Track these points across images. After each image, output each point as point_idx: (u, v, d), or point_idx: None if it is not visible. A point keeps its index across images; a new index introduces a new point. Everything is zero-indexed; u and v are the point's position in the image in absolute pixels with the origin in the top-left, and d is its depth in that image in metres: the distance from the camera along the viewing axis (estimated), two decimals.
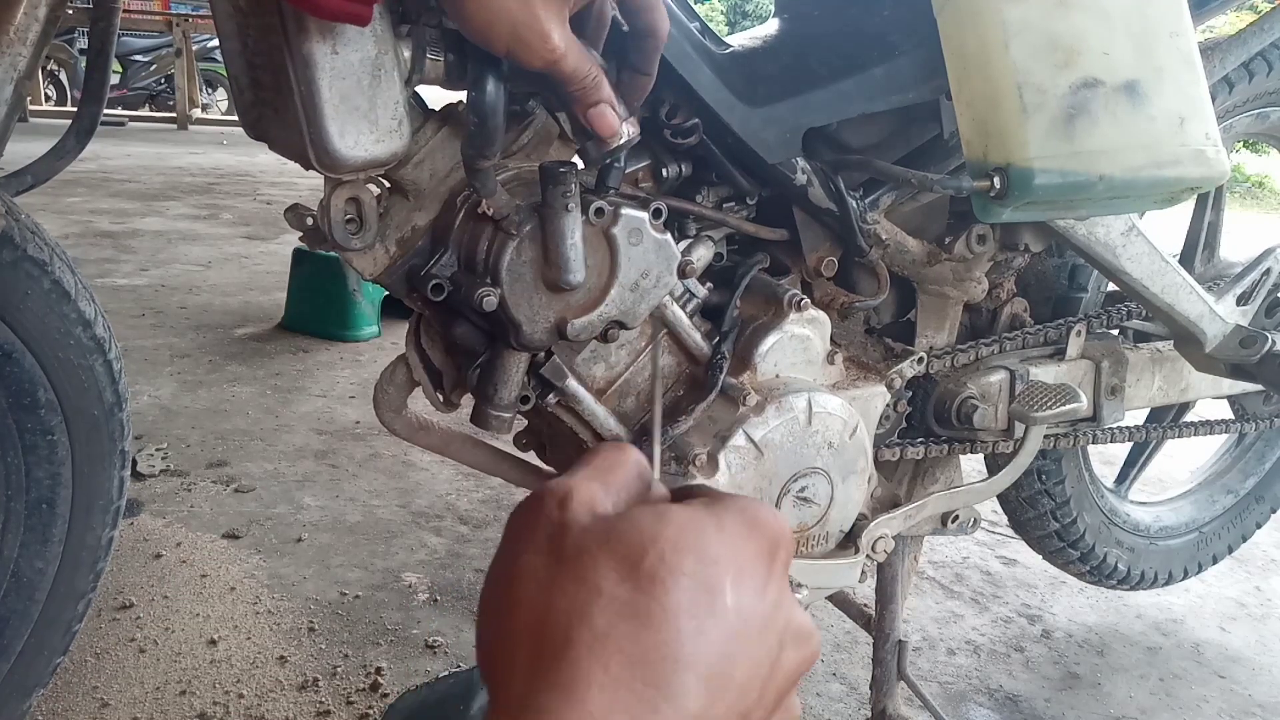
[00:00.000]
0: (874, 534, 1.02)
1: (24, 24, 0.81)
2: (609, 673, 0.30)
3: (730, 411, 0.92)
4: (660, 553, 0.32)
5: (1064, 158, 0.93)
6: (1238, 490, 1.78)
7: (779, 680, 0.34)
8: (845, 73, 0.98)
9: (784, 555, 0.35)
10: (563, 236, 0.77)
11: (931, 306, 1.15)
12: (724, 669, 0.31)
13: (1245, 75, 1.32)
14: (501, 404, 0.85)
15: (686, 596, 0.31)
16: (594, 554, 0.32)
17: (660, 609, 0.31)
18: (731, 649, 0.32)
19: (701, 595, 0.31)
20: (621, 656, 0.30)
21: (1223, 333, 1.24)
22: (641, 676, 0.30)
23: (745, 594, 0.33)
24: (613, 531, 0.33)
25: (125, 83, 9.59)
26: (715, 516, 0.34)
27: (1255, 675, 1.69)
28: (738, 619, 0.32)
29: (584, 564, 0.32)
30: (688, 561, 0.32)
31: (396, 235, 0.84)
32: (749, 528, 0.34)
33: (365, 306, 3.10)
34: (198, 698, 1.37)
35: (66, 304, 1.02)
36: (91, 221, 4.61)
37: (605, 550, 0.32)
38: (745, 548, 0.34)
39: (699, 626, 0.31)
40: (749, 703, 0.32)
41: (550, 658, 0.31)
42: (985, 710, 1.51)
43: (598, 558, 0.32)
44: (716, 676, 0.31)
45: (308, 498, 2.01)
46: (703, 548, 0.32)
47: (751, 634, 0.32)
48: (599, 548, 0.33)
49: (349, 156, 0.72)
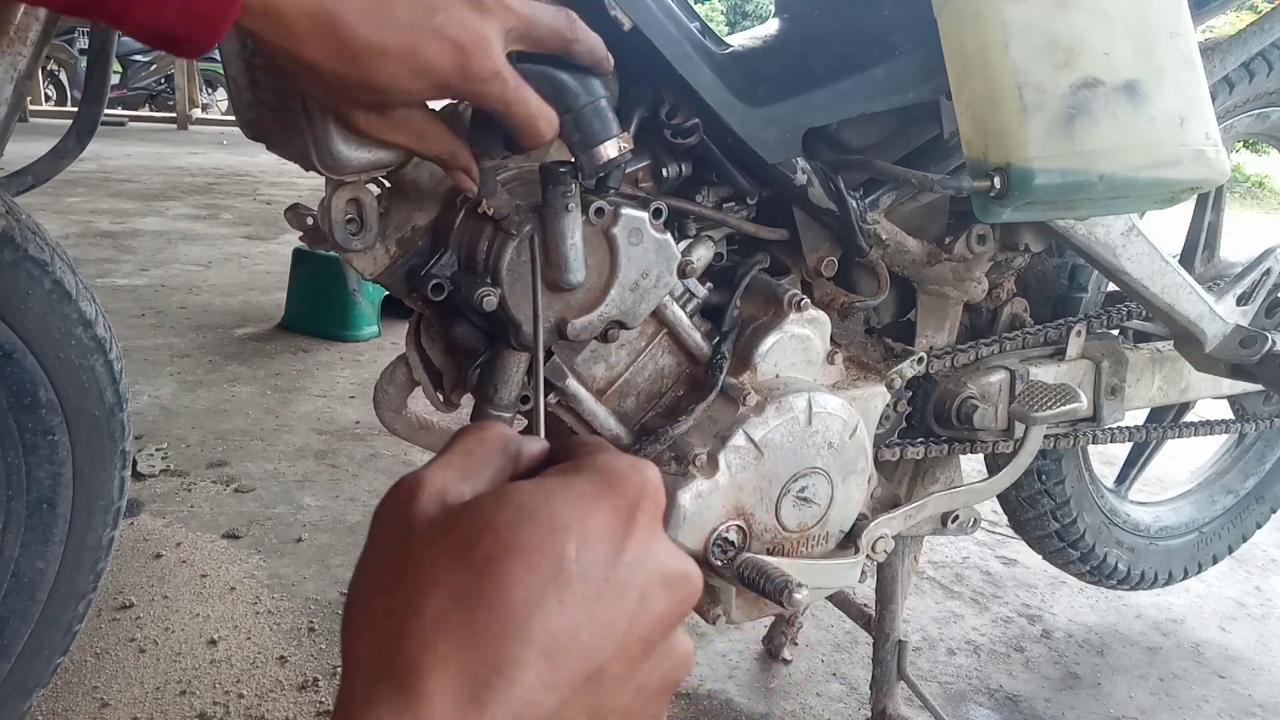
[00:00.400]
0: (874, 534, 1.02)
1: (24, 24, 0.81)
2: (439, 656, 0.30)
3: (730, 411, 0.92)
4: (495, 534, 0.32)
5: (1064, 158, 0.93)
6: (1238, 490, 1.78)
7: (642, 630, 0.34)
8: (845, 73, 0.98)
9: (648, 507, 0.35)
10: (563, 236, 0.77)
11: (931, 306, 1.15)
12: (566, 634, 0.31)
13: (1245, 75, 1.32)
14: (501, 404, 0.85)
15: (521, 571, 0.31)
16: (433, 546, 0.33)
17: (493, 587, 0.31)
18: (574, 614, 0.32)
19: (540, 567, 0.32)
20: (452, 640, 0.31)
21: (1223, 333, 1.24)
22: (475, 656, 0.30)
23: (593, 557, 0.33)
24: (453, 522, 0.34)
25: (125, 83, 9.59)
26: (565, 483, 0.35)
27: (1255, 675, 1.69)
28: (583, 583, 0.32)
29: (424, 559, 0.33)
30: (525, 536, 0.32)
31: (397, 235, 0.84)
32: (602, 487, 0.35)
33: (365, 306, 3.10)
34: (198, 698, 1.37)
35: (67, 304, 1.02)
36: (92, 221, 4.61)
37: (443, 542, 0.33)
38: (595, 509, 0.34)
39: (535, 597, 0.31)
40: (602, 659, 0.32)
41: (389, 651, 0.31)
42: (985, 710, 1.51)
43: (436, 551, 0.33)
44: (556, 643, 0.31)
45: (308, 498, 2.01)
46: (545, 519, 0.33)
47: (601, 595, 0.33)
48: (438, 541, 0.33)
49: (352, 158, 0.72)
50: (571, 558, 0.32)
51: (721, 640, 1.62)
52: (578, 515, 0.33)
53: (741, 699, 1.48)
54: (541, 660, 0.31)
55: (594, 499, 0.34)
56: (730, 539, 0.93)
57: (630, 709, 0.34)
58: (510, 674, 0.30)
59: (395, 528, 0.35)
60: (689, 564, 0.37)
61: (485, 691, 0.30)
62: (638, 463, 0.36)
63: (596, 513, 0.34)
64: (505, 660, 0.30)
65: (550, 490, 0.34)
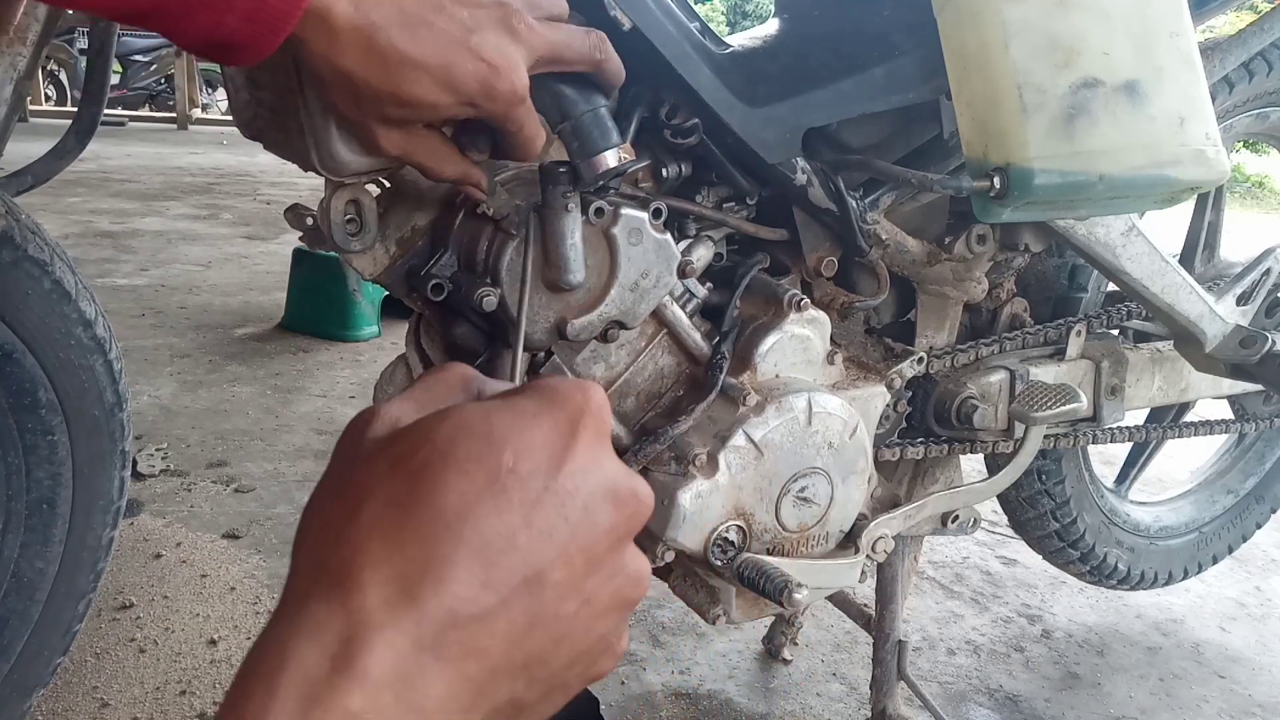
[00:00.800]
0: (874, 534, 1.02)
1: (24, 24, 0.81)
2: (371, 556, 0.31)
3: (730, 411, 0.92)
4: (432, 445, 0.33)
5: (1064, 158, 0.93)
6: (1238, 490, 1.78)
7: (585, 540, 0.34)
8: (845, 73, 0.98)
9: (591, 424, 0.36)
10: (563, 236, 0.77)
11: (931, 306, 1.15)
12: (502, 539, 0.32)
13: (1245, 75, 1.32)
14: None
15: (455, 477, 0.32)
16: (375, 461, 0.34)
17: (426, 492, 0.32)
18: (510, 519, 0.32)
19: (475, 474, 0.32)
20: (384, 542, 0.31)
21: (1223, 333, 1.24)
22: (406, 555, 0.31)
23: (531, 466, 0.33)
24: (396, 438, 0.35)
25: (125, 83, 9.58)
26: (506, 403, 0.35)
27: (1255, 675, 1.69)
28: (520, 490, 0.33)
29: (365, 471, 0.34)
30: (462, 447, 0.33)
31: (396, 235, 0.84)
32: (543, 405, 0.35)
33: (365, 306, 3.10)
34: (198, 698, 1.37)
35: (67, 304, 1.02)
36: (91, 221, 4.61)
37: (384, 453, 0.34)
38: (536, 424, 0.34)
39: (469, 503, 0.32)
40: (541, 563, 0.33)
41: (326, 553, 0.32)
42: (985, 710, 1.51)
43: (377, 463, 0.34)
44: (489, 544, 0.32)
45: (308, 497, 2.01)
46: (484, 432, 0.33)
47: (540, 502, 0.33)
48: (380, 455, 0.34)
49: (352, 160, 0.72)
50: (508, 467, 0.33)
51: (721, 640, 1.62)
52: (516, 429, 0.34)
53: (741, 699, 1.48)
54: (475, 560, 0.32)
55: (534, 415, 0.35)
56: (730, 539, 0.93)
57: (579, 618, 0.35)
58: (441, 572, 0.31)
59: (347, 450, 0.36)
60: (637, 481, 0.37)
61: (417, 587, 0.31)
62: (580, 383, 0.37)
63: (536, 427, 0.34)
64: (436, 559, 0.31)
65: (491, 408, 0.35)
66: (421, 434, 0.34)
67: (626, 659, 1.54)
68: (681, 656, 1.57)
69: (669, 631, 1.63)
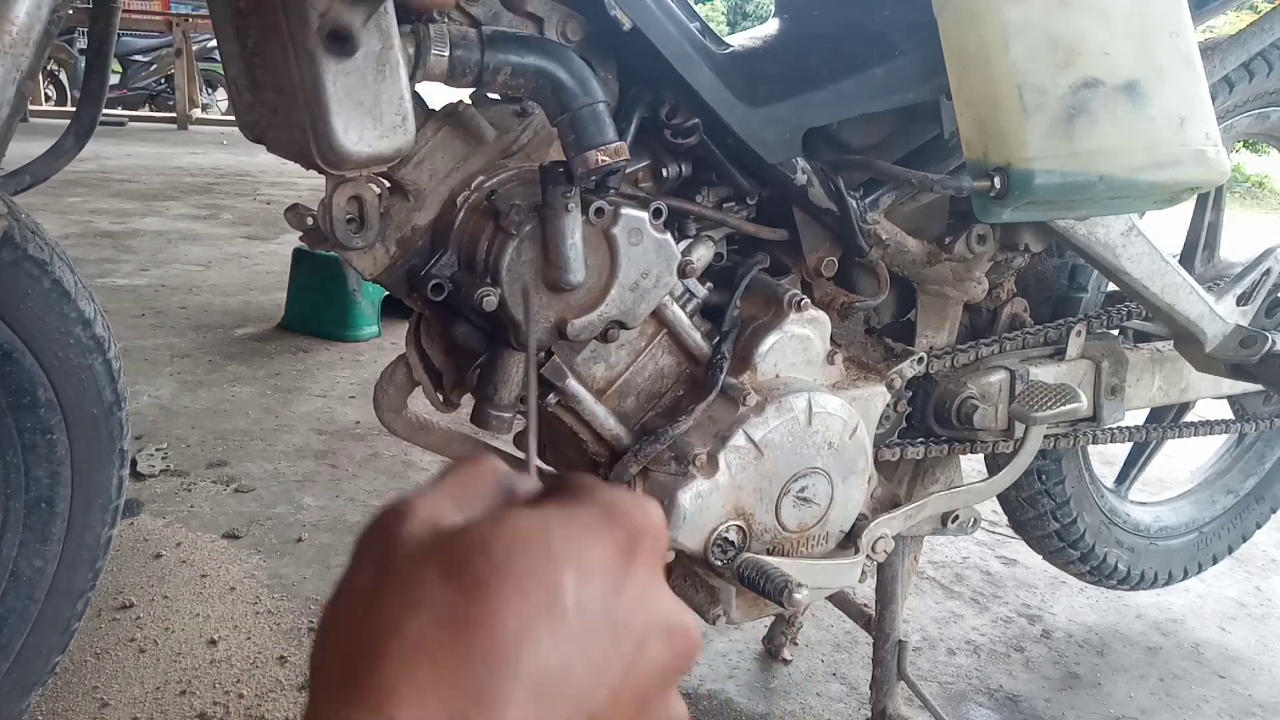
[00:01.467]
0: (874, 534, 1.02)
1: (26, 24, 0.81)
2: (416, 682, 0.28)
3: (730, 411, 0.92)
4: (489, 556, 0.30)
5: (1064, 158, 0.93)
6: (1238, 490, 1.78)
7: (638, 681, 0.32)
8: (845, 73, 0.98)
9: (650, 545, 0.33)
10: (563, 236, 0.77)
11: (931, 306, 1.15)
12: (557, 672, 0.29)
13: (1245, 75, 1.32)
14: (501, 404, 0.85)
15: (514, 598, 0.29)
16: (420, 565, 0.30)
17: (481, 612, 0.28)
18: (567, 650, 0.29)
19: (534, 595, 0.29)
20: (433, 665, 0.28)
21: (1223, 333, 1.24)
22: (454, 683, 0.28)
23: (590, 591, 0.30)
24: (444, 541, 0.31)
25: (125, 83, 9.58)
26: (564, 513, 0.32)
27: (1255, 675, 1.69)
28: (579, 618, 0.30)
29: (409, 576, 0.30)
30: (520, 562, 0.29)
31: (397, 235, 0.84)
32: (603, 521, 0.32)
33: (365, 306, 3.10)
34: (198, 698, 1.37)
35: (66, 303, 1.02)
36: (91, 221, 4.61)
37: (433, 560, 0.30)
38: (596, 543, 0.31)
39: (526, 628, 0.29)
40: (593, 706, 0.30)
41: (361, 672, 0.28)
42: (985, 710, 1.51)
43: (423, 568, 0.30)
44: (547, 680, 0.29)
45: (308, 498, 2.01)
46: (542, 546, 0.30)
47: (597, 633, 0.30)
48: (427, 559, 0.30)
49: (353, 152, 0.72)
50: (568, 589, 0.30)
51: (721, 640, 1.62)
52: (577, 545, 0.31)
53: (741, 699, 1.48)
54: (529, 698, 0.28)
55: (594, 530, 0.32)
56: (730, 539, 0.93)
57: None
58: (493, 708, 0.27)
59: (381, 548, 0.32)
60: (690, 616, 0.34)
61: None
62: (641, 499, 0.34)
63: (596, 545, 0.31)
64: (489, 695, 0.28)
65: (549, 517, 0.31)
66: (475, 543, 0.30)
67: None
68: None
69: None
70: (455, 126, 0.83)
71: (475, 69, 0.77)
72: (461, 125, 0.83)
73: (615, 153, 0.74)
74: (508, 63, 0.77)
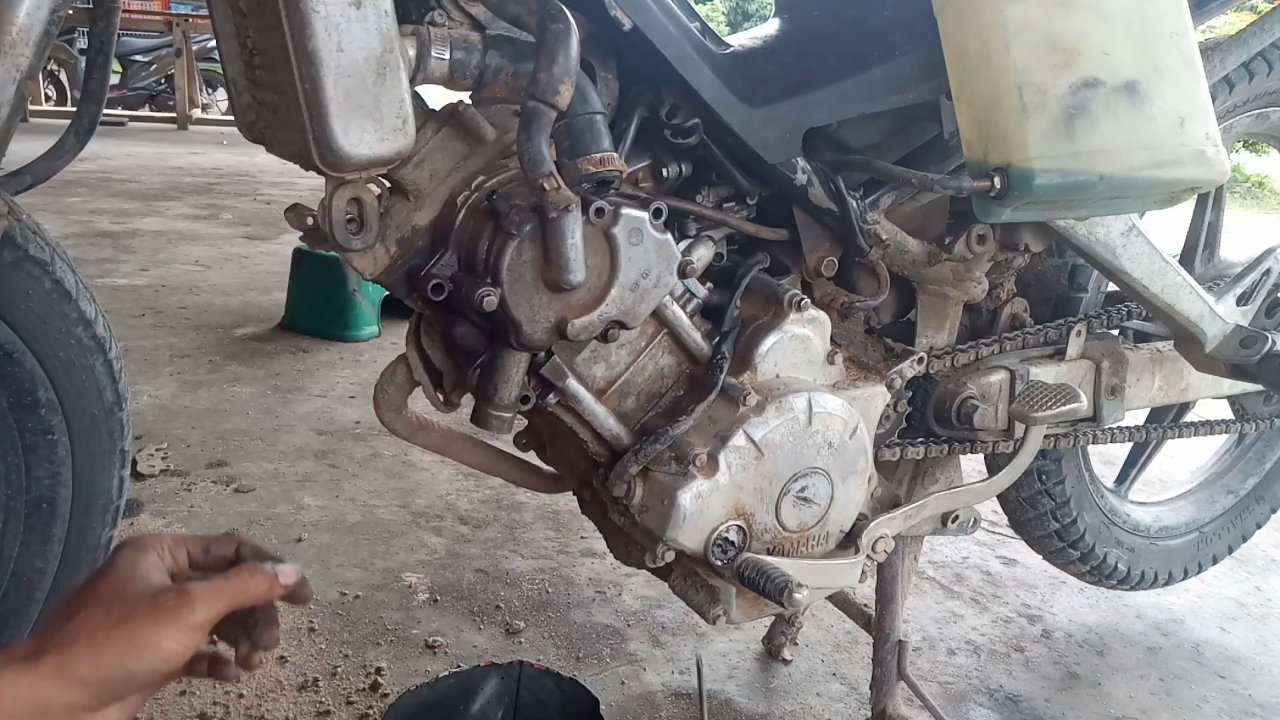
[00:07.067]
0: (874, 534, 1.02)
1: (26, 24, 0.81)
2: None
3: (730, 411, 0.92)
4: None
5: (1064, 158, 0.93)
6: (1238, 490, 1.78)
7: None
8: (845, 73, 0.98)
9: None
10: (563, 236, 0.77)
11: (931, 306, 1.15)
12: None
13: (1245, 75, 1.32)
14: (501, 404, 0.85)
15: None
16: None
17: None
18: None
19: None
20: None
21: (1223, 333, 1.24)
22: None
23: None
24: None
25: (125, 83, 9.58)
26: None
27: (1255, 675, 1.69)
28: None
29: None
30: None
31: (397, 235, 0.84)
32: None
33: (365, 306, 3.10)
34: (198, 698, 1.37)
35: (67, 304, 1.02)
36: (92, 221, 4.61)
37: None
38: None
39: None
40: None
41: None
42: (985, 710, 1.51)
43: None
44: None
45: (308, 498, 2.01)
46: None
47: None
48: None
49: (353, 155, 0.72)
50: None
51: (721, 640, 1.62)
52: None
53: (741, 699, 1.48)
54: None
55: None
56: (730, 539, 0.93)
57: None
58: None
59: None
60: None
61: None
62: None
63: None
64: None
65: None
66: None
67: (626, 659, 1.55)
68: (681, 656, 1.57)
69: (669, 631, 1.63)
70: (455, 126, 0.83)
71: (475, 72, 0.77)
72: (462, 125, 0.83)
73: (602, 163, 0.74)
74: (508, 67, 0.77)
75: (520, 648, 1.56)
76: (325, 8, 0.68)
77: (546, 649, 1.56)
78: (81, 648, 0.57)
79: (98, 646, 0.57)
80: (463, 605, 1.66)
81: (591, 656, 1.55)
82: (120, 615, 0.59)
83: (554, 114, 0.72)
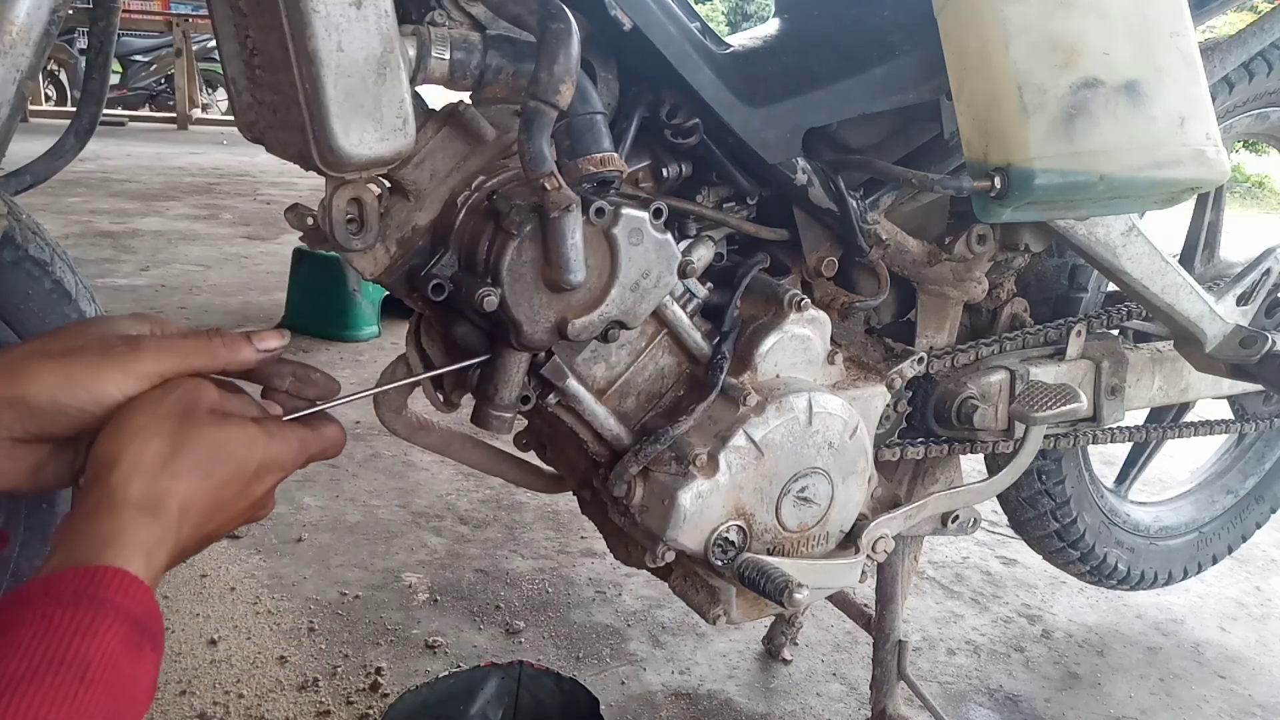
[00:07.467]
0: (874, 534, 1.02)
1: (26, 24, 0.81)
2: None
3: (730, 411, 0.92)
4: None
5: (1064, 158, 0.93)
6: (1238, 490, 1.78)
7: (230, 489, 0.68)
8: (846, 73, 0.98)
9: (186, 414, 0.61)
10: (563, 236, 0.77)
11: (931, 306, 1.15)
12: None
13: (1245, 75, 1.32)
14: (502, 404, 0.85)
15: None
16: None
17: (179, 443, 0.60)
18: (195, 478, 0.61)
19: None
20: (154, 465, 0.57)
21: (1223, 333, 1.24)
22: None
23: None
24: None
25: (125, 83, 9.58)
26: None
27: (1255, 675, 1.69)
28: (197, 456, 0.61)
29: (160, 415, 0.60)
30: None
31: (397, 235, 0.84)
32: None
33: (365, 306, 3.10)
34: (198, 698, 1.37)
35: (67, 304, 1.02)
36: (91, 221, 4.61)
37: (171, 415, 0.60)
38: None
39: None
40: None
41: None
42: (985, 710, 1.51)
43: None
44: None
45: (308, 498, 2.01)
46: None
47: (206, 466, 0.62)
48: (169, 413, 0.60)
49: (353, 155, 0.72)
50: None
51: (721, 640, 1.62)
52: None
53: (741, 699, 1.48)
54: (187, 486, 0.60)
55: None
56: (730, 539, 0.93)
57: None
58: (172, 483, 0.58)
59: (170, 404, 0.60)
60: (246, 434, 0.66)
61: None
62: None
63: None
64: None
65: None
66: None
67: (626, 659, 1.55)
68: (681, 656, 1.57)
69: (669, 631, 1.63)
70: (456, 126, 0.83)
71: (476, 72, 0.77)
72: (462, 125, 0.83)
73: (602, 163, 0.74)
74: (508, 67, 0.77)
75: (520, 648, 1.56)
76: (325, 8, 0.68)
77: (546, 649, 1.56)
78: (12, 370, 0.54)
79: (31, 373, 0.55)
80: (463, 605, 1.66)
81: (591, 656, 1.55)
82: (63, 351, 0.57)
83: (555, 114, 0.72)
